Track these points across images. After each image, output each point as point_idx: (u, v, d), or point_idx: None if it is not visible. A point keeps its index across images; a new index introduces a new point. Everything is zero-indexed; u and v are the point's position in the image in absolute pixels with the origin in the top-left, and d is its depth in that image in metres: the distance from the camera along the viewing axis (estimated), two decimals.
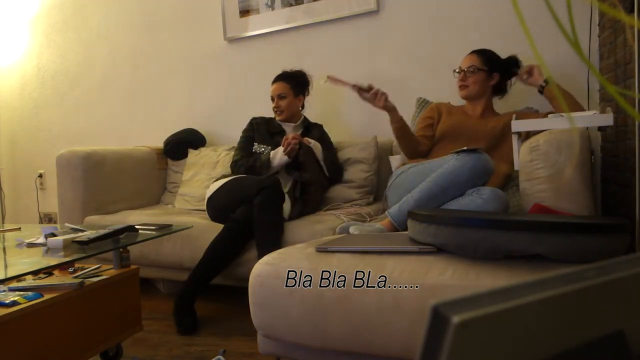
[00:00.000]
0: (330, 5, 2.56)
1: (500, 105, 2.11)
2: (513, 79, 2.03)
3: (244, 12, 2.79)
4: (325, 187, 2.26)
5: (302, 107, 2.36)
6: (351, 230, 1.58)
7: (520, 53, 2.05)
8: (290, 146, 2.04)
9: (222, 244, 1.84)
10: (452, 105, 2.08)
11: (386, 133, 2.46)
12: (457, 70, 2.02)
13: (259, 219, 1.81)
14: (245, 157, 2.21)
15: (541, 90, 1.88)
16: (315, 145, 2.16)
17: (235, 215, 1.87)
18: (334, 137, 2.40)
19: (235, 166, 2.19)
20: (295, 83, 2.31)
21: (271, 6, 2.70)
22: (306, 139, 2.13)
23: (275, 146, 2.18)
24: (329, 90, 2.62)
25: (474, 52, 2.01)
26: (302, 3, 2.62)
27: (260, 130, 2.28)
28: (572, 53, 2.05)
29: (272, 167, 2.11)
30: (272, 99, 2.30)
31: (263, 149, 2.22)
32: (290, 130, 2.27)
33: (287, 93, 2.27)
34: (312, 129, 2.33)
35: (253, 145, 2.26)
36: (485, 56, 1.98)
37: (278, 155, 2.09)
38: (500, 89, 2.04)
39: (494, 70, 1.97)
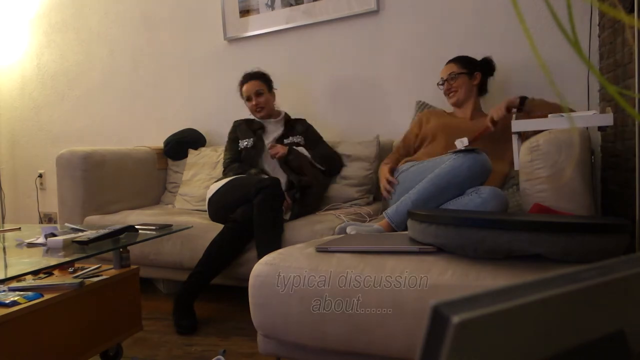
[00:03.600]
0: (330, 5, 2.56)
1: (493, 103, 2.10)
2: (490, 79, 2.09)
3: (244, 12, 2.79)
4: (325, 185, 2.26)
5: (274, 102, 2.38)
6: (348, 230, 1.58)
7: (520, 53, 2.05)
8: (279, 154, 2.10)
9: (222, 244, 1.84)
10: (442, 110, 2.12)
11: (387, 133, 2.47)
12: (440, 83, 2.08)
13: (258, 219, 1.81)
14: (232, 157, 2.26)
15: (521, 108, 1.82)
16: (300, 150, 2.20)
17: (235, 215, 1.87)
18: (335, 137, 2.40)
19: (225, 170, 2.26)
20: (265, 79, 2.33)
21: (271, 6, 2.70)
22: (282, 148, 2.16)
23: (257, 138, 2.24)
24: (330, 90, 2.62)
25: (449, 61, 2.07)
26: (302, 3, 2.62)
27: (242, 129, 2.32)
28: (572, 53, 2.06)
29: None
30: (249, 99, 2.30)
31: (246, 143, 2.26)
32: (272, 127, 2.30)
33: (263, 89, 2.29)
34: (295, 124, 2.33)
35: (238, 145, 2.29)
36: (462, 61, 2.05)
37: None
38: (483, 89, 2.09)
39: (474, 71, 2.03)
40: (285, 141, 2.22)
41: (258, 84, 2.29)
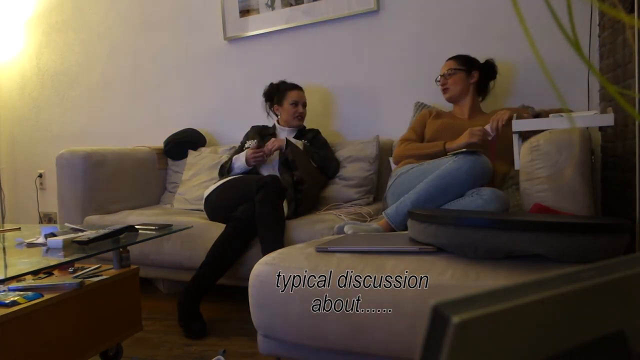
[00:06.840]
0: (330, 5, 2.56)
1: (493, 103, 2.11)
2: (492, 83, 2.10)
3: (244, 12, 2.79)
4: (322, 184, 2.26)
5: None
6: (346, 229, 1.57)
7: (520, 53, 2.05)
8: (256, 156, 2.12)
9: (225, 244, 1.82)
10: (440, 110, 2.12)
11: (387, 133, 2.47)
12: (437, 79, 2.09)
13: (261, 214, 1.81)
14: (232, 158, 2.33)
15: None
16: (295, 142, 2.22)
17: (237, 214, 1.86)
18: (334, 137, 2.40)
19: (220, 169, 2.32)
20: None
21: (271, 6, 2.70)
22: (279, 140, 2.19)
23: (261, 139, 2.29)
24: (330, 90, 2.62)
25: (449, 58, 2.08)
26: (302, 3, 2.62)
27: (253, 132, 2.38)
28: (572, 53, 2.05)
29: (233, 168, 2.20)
30: (296, 104, 2.33)
31: (250, 143, 2.30)
32: (285, 135, 2.33)
33: (305, 102, 2.37)
34: (306, 133, 2.37)
35: (244, 147, 2.34)
36: (462, 58, 2.05)
37: (240, 158, 2.18)
38: (482, 90, 2.10)
39: (472, 69, 2.03)
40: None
41: (304, 96, 2.38)
